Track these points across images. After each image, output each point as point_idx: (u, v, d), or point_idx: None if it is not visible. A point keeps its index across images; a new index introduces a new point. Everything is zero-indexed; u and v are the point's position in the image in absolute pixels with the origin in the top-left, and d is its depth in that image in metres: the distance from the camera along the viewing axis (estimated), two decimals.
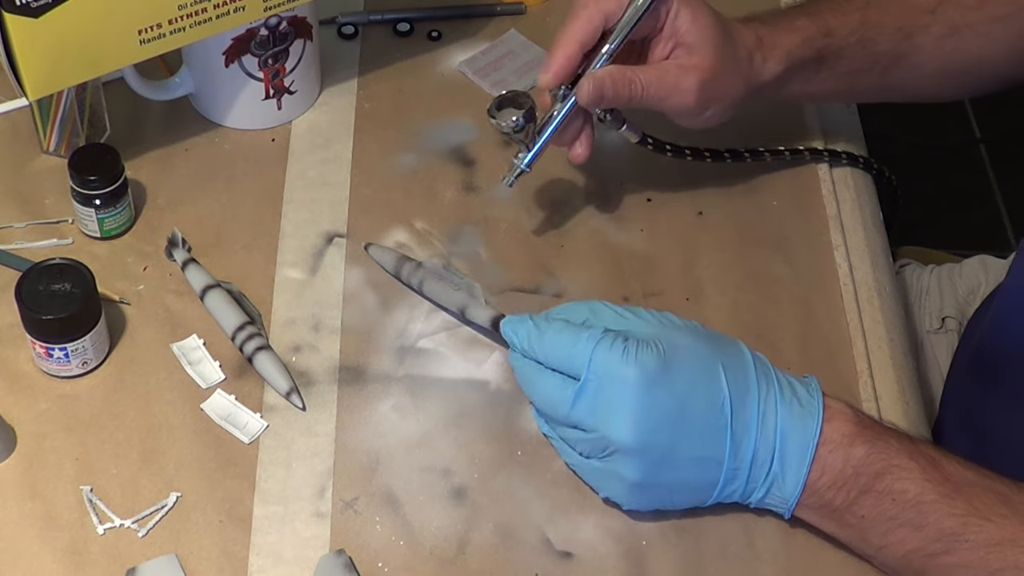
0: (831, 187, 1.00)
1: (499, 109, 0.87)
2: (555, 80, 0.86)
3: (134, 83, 0.96)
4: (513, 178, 0.89)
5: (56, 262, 0.83)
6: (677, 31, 0.88)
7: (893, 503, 0.74)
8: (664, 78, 0.87)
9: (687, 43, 0.87)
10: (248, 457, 0.82)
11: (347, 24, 1.08)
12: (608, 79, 0.86)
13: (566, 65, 0.86)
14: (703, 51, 0.87)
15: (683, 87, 0.87)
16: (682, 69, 0.87)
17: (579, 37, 0.86)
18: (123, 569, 0.77)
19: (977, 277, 1.17)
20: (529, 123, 0.86)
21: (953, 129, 2.21)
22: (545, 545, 0.80)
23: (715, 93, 0.89)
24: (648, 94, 0.87)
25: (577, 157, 0.91)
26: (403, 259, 0.91)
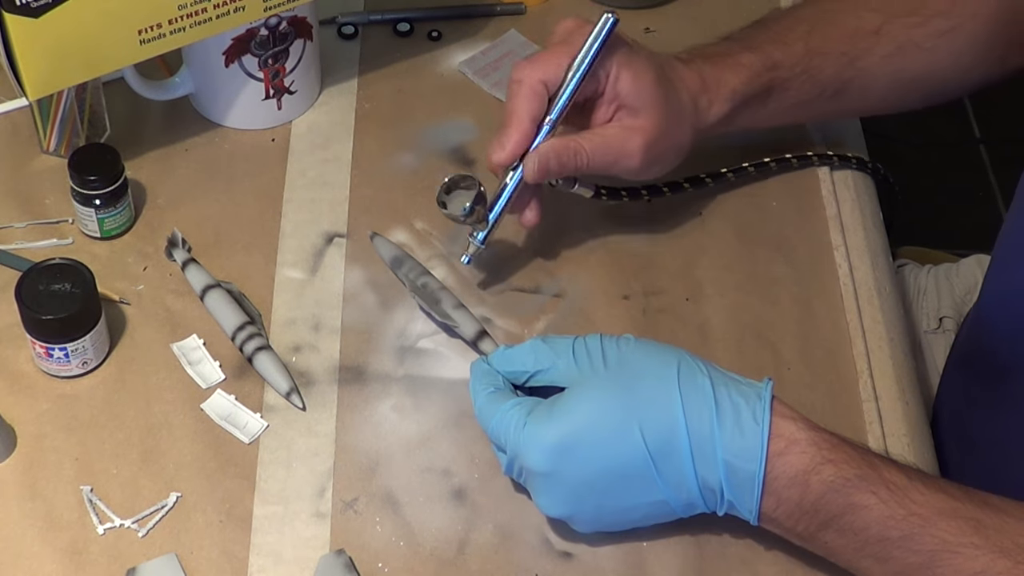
0: (831, 187, 1.00)
1: (447, 194, 0.87)
2: (510, 159, 0.86)
3: (134, 83, 0.96)
4: (470, 257, 0.89)
5: (56, 262, 0.83)
6: (619, 94, 0.87)
7: (856, 537, 0.72)
8: (609, 144, 0.87)
9: (630, 105, 0.87)
10: (248, 457, 0.82)
11: (347, 24, 1.08)
12: (552, 153, 0.85)
13: (521, 142, 0.86)
14: (646, 112, 0.86)
15: (628, 150, 0.87)
16: (626, 131, 0.87)
17: (530, 113, 0.85)
18: (123, 569, 0.77)
19: (974, 277, 1.17)
20: (479, 206, 0.86)
21: (953, 129, 2.21)
22: (545, 545, 0.80)
23: (661, 150, 0.88)
24: (594, 162, 0.86)
25: (527, 222, 0.90)
26: (404, 257, 0.91)
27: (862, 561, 0.73)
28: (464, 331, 0.88)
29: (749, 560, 0.80)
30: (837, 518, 0.72)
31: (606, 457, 0.73)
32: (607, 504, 0.75)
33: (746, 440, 0.72)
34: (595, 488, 0.74)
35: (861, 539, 0.72)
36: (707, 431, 0.73)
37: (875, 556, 0.72)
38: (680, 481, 0.73)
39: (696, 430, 0.73)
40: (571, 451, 0.73)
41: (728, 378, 0.75)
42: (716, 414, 0.73)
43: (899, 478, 0.72)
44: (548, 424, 0.74)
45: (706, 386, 0.74)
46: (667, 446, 0.73)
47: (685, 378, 0.74)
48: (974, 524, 0.71)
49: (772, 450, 0.72)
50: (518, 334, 0.89)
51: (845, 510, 0.72)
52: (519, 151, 0.86)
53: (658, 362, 0.75)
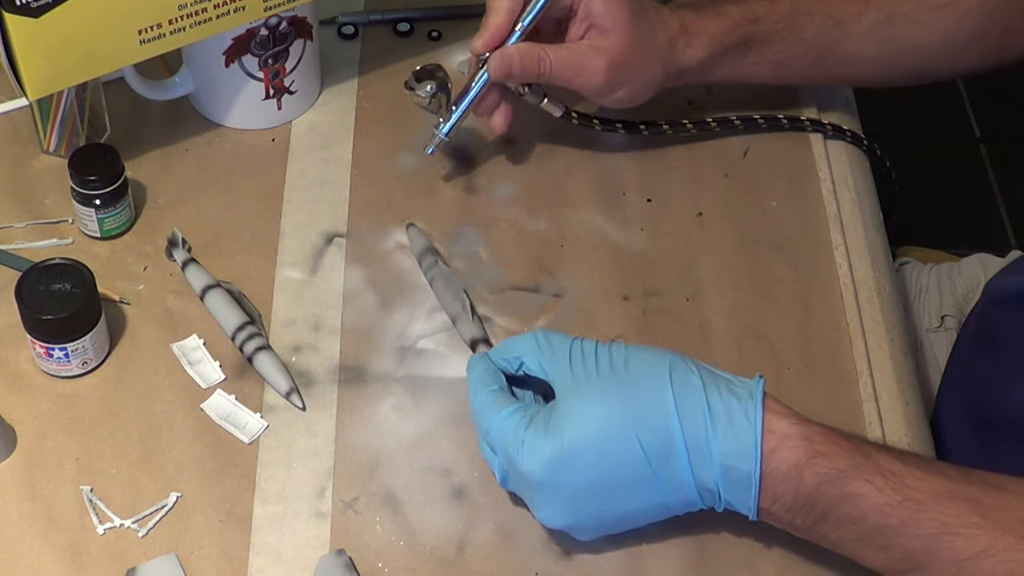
0: (831, 187, 1.00)
1: (417, 81, 0.91)
2: (484, 47, 0.90)
3: (134, 83, 0.96)
4: (433, 147, 0.93)
5: (56, 262, 0.83)
6: (591, 13, 0.90)
7: (854, 527, 0.72)
8: (573, 58, 0.90)
9: (600, 25, 0.90)
10: (248, 457, 0.82)
11: (347, 24, 1.08)
12: (516, 55, 0.89)
13: (496, 34, 0.90)
14: (615, 34, 0.90)
15: (591, 67, 0.90)
16: (592, 50, 0.90)
17: (508, 6, 0.89)
18: (123, 569, 0.77)
19: (976, 276, 1.17)
20: (442, 93, 0.91)
21: (953, 129, 2.21)
22: (545, 545, 0.80)
23: (625, 75, 0.91)
24: (556, 72, 0.90)
25: (496, 127, 0.94)
26: (429, 250, 0.92)
27: (863, 551, 0.73)
28: (463, 335, 0.88)
29: (749, 560, 0.80)
30: (833, 509, 0.72)
31: (605, 466, 0.73)
32: (607, 511, 0.75)
33: (740, 440, 0.72)
34: (595, 497, 0.74)
35: (859, 529, 0.72)
36: (702, 433, 0.72)
37: (876, 545, 0.72)
38: (678, 484, 0.73)
39: (691, 433, 0.73)
40: (569, 462, 0.73)
41: (719, 378, 0.75)
42: (709, 416, 0.73)
43: (894, 464, 0.72)
44: (545, 437, 0.73)
45: (698, 388, 0.74)
46: (664, 451, 0.73)
47: (678, 382, 0.74)
48: (972, 504, 0.70)
49: (765, 448, 0.72)
50: (518, 333, 0.89)
51: (840, 501, 0.71)
52: (495, 42, 0.90)
53: (650, 367, 0.75)
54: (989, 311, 1.01)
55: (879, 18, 0.95)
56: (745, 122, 1.01)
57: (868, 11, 0.95)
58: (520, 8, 0.90)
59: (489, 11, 0.90)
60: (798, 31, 0.94)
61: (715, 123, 1.00)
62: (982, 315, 1.03)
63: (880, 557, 0.72)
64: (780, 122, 1.01)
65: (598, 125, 0.97)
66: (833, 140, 1.03)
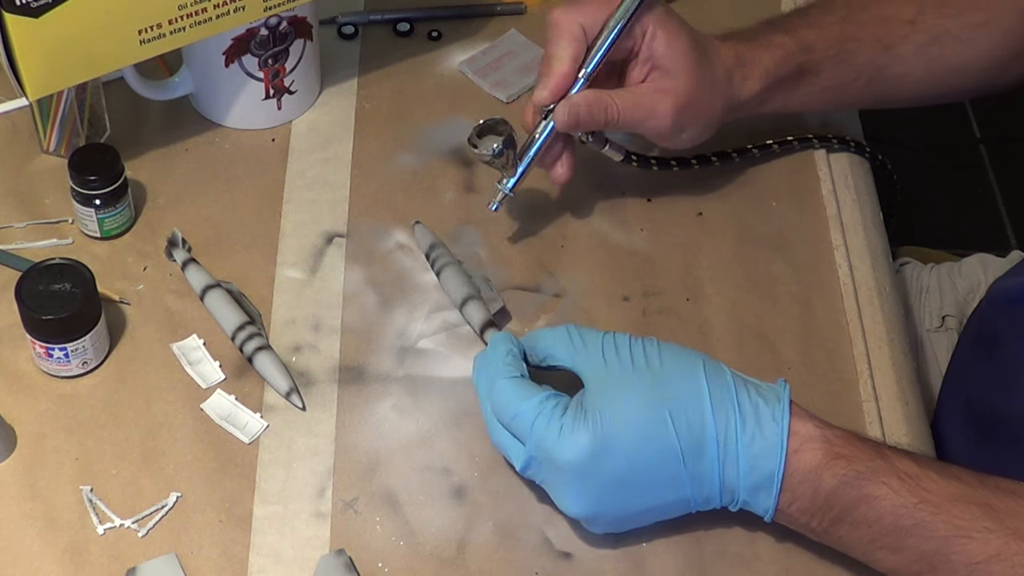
0: (831, 187, 1.00)
1: (480, 137, 0.88)
2: (552, 98, 0.87)
3: (134, 83, 0.96)
4: (497, 203, 0.90)
5: (56, 262, 0.83)
6: (653, 54, 0.88)
7: (869, 529, 0.72)
8: (640, 102, 0.88)
9: (663, 66, 0.88)
10: (248, 457, 0.82)
11: (347, 24, 1.08)
12: (584, 104, 0.86)
13: (563, 83, 0.87)
14: (679, 74, 0.88)
15: (659, 111, 0.88)
16: (658, 92, 0.88)
17: (571, 54, 0.86)
18: (123, 569, 0.77)
19: (977, 276, 1.17)
20: (508, 149, 0.87)
21: (953, 129, 2.21)
22: (545, 545, 0.80)
23: (692, 116, 0.89)
24: (624, 118, 0.87)
25: (558, 178, 0.91)
26: (437, 245, 0.92)
27: (876, 552, 0.73)
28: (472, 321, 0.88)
29: (749, 560, 0.80)
30: (850, 511, 0.72)
31: (640, 456, 0.73)
32: (633, 503, 0.75)
33: (766, 439, 0.73)
34: (624, 488, 0.74)
35: (875, 530, 0.72)
36: (732, 431, 0.73)
37: (889, 546, 0.72)
38: (704, 479, 0.74)
39: (722, 429, 0.73)
40: (608, 450, 0.73)
41: (747, 380, 0.76)
42: (739, 415, 0.73)
43: (911, 467, 0.73)
44: (585, 424, 0.73)
45: (730, 387, 0.74)
46: (697, 445, 0.73)
47: (712, 379, 0.74)
48: (986, 508, 0.71)
49: (789, 448, 0.73)
50: (518, 333, 0.89)
51: (858, 502, 0.72)
52: (561, 91, 0.87)
53: (685, 364, 0.75)
54: (991, 312, 1.01)
55: (925, 39, 0.94)
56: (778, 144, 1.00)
57: (915, 32, 0.94)
58: (583, 55, 0.87)
59: (551, 59, 0.87)
60: (848, 57, 0.93)
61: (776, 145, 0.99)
62: (984, 316, 1.03)
63: (893, 559, 0.73)
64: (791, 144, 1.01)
65: (655, 166, 0.95)
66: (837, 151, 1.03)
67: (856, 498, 0.72)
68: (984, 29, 0.95)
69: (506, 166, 0.88)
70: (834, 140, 1.02)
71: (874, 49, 0.94)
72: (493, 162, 0.88)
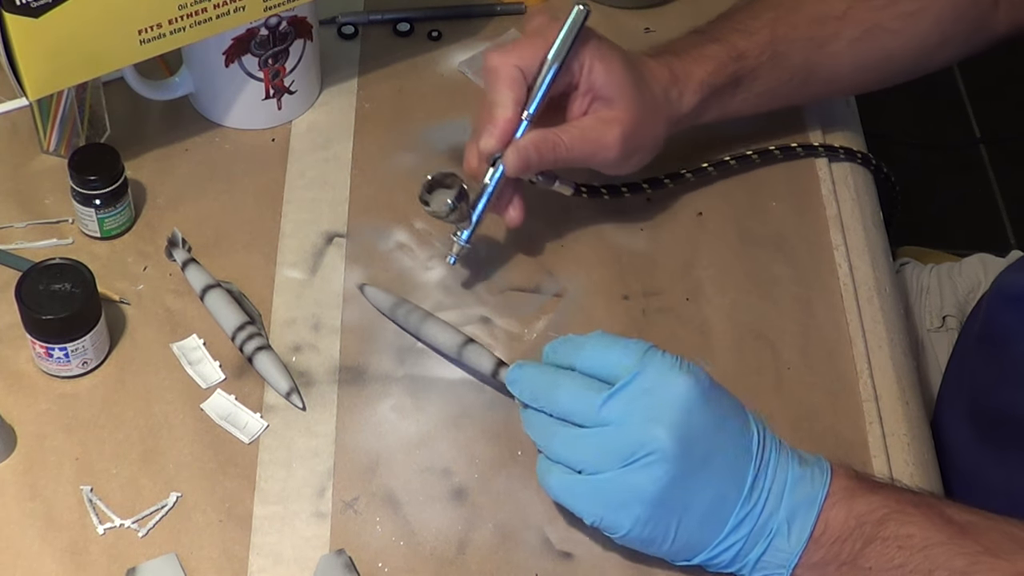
0: (831, 187, 1.00)
1: (429, 192, 0.87)
2: (499, 145, 0.86)
3: (134, 83, 0.96)
4: (455, 256, 0.89)
5: (56, 262, 0.83)
6: (593, 85, 0.87)
7: (900, 550, 0.72)
8: (586, 135, 0.87)
9: (604, 96, 0.87)
10: (248, 457, 0.82)
11: (347, 24, 1.08)
12: (532, 147, 0.85)
13: (508, 129, 0.86)
14: (621, 103, 0.87)
15: (606, 142, 0.87)
16: (603, 123, 0.87)
17: (513, 99, 0.85)
18: (123, 569, 0.77)
19: (977, 276, 1.17)
20: (461, 202, 0.86)
21: (953, 129, 2.21)
22: (545, 545, 0.80)
23: (638, 141, 0.89)
24: (573, 154, 0.87)
25: (511, 221, 0.90)
26: (400, 302, 0.89)
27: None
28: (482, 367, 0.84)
29: None
30: (882, 526, 0.72)
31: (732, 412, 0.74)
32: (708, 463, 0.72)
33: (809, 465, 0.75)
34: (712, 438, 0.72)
35: (906, 551, 0.72)
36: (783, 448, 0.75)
37: (920, 570, 0.71)
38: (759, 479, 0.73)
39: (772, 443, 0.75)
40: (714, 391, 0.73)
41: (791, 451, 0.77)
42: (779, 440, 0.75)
43: (932, 498, 0.75)
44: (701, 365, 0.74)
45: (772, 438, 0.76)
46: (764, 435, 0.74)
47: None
48: (1010, 535, 0.72)
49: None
50: (518, 334, 0.89)
51: (889, 517, 0.72)
52: (507, 137, 0.86)
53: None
54: (995, 309, 1.01)
55: (857, 33, 0.94)
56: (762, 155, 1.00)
57: (845, 28, 0.94)
58: (522, 96, 0.86)
59: (493, 106, 0.85)
60: (781, 60, 0.93)
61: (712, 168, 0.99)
62: (987, 313, 1.03)
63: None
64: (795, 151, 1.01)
65: (606, 195, 0.95)
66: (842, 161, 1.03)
67: (887, 514, 0.72)
68: (914, 18, 0.95)
69: (461, 219, 0.87)
70: (841, 151, 1.02)
71: (807, 49, 0.94)
72: (448, 218, 0.87)
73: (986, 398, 0.99)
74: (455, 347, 0.85)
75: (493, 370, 0.83)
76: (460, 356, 0.85)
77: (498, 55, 0.86)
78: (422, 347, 0.88)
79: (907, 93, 1.08)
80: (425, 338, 0.87)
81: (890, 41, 0.96)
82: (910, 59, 0.98)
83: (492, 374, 0.83)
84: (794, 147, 1.01)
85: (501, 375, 0.81)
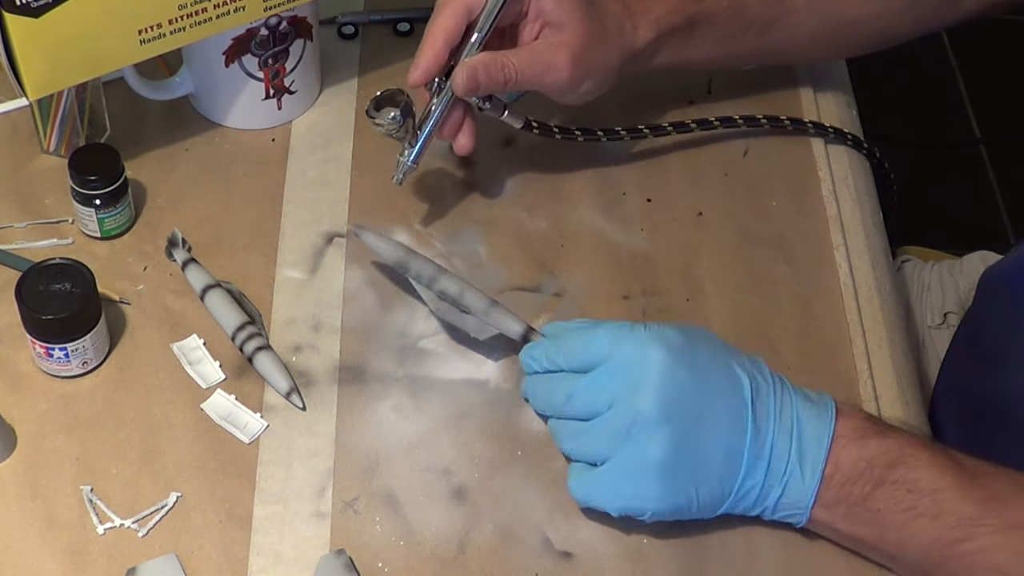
0: (831, 187, 1.00)
1: (377, 109, 0.87)
2: (423, 77, 0.87)
3: (134, 83, 0.96)
4: (401, 175, 0.90)
5: (56, 262, 0.83)
6: (543, 11, 0.88)
7: (908, 493, 0.73)
8: (536, 58, 0.88)
9: (553, 21, 0.88)
10: (248, 457, 0.82)
11: (347, 24, 1.08)
12: (480, 66, 0.86)
13: (433, 60, 0.87)
14: (570, 26, 0.88)
15: (556, 64, 0.88)
16: (552, 46, 0.88)
17: (444, 32, 0.87)
18: (123, 569, 0.77)
19: (978, 273, 1.17)
20: (407, 119, 0.87)
21: (953, 129, 2.21)
22: (545, 545, 0.80)
23: (589, 66, 0.89)
24: (522, 76, 0.88)
25: (461, 148, 0.91)
26: (411, 253, 0.89)
27: (913, 523, 0.73)
28: (510, 330, 0.85)
29: (748, 563, 0.80)
30: (891, 469, 0.74)
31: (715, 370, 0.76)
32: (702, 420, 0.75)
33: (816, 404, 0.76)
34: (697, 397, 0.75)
35: (914, 494, 0.73)
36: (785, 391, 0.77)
37: (928, 513, 0.73)
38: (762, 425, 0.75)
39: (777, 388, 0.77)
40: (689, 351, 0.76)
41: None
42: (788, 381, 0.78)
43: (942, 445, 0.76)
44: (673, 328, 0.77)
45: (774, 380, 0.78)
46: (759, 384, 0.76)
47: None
48: (1017, 483, 0.73)
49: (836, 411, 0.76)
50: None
51: (899, 460, 0.74)
52: (431, 69, 0.87)
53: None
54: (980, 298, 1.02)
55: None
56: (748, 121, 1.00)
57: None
58: (454, 32, 0.87)
59: (425, 39, 0.87)
60: (742, 9, 0.94)
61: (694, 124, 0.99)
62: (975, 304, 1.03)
63: (930, 528, 0.73)
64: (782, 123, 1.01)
65: (557, 134, 0.95)
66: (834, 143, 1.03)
67: (897, 457, 0.74)
68: None
69: (406, 137, 0.88)
70: (831, 130, 1.02)
71: (767, 2, 0.94)
72: (393, 133, 0.88)
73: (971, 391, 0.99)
74: (483, 307, 0.85)
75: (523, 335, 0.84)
76: (487, 317, 0.85)
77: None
78: (422, 347, 0.88)
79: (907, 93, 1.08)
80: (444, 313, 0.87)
81: (854, 4, 0.96)
82: (876, 27, 0.98)
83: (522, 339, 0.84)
84: (783, 120, 1.01)
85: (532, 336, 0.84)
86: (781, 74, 1.07)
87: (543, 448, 0.83)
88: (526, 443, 0.84)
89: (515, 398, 0.86)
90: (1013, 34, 2.28)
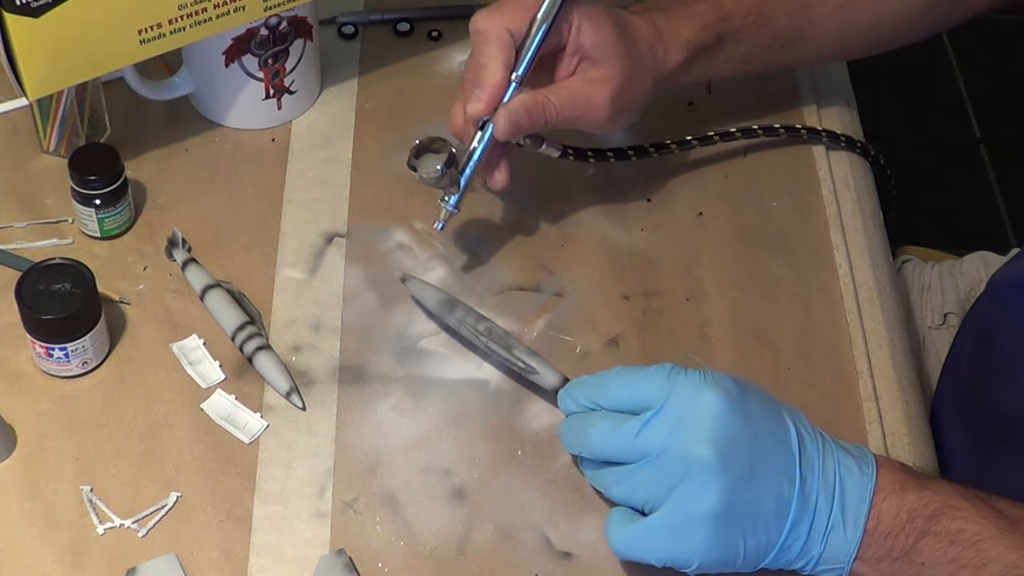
0: (831, 187, 1.00)
1: (417, 158, 0.85)
2: (487, 110, 0.85)
3: (134, 83, 0.96)
4: (443, 222, 0.88)
5: (56, 262, 0.83)
6: (581, 46, 0.87)
7: (952, 544, 0.71)
8: (576, 97, 0.86)
9: (592, 56, 0.87)
10: (248, 457, 0.82)
11: (347, 24, 1.08)
12: (522, 109, 0.85)
13: (496, 93, 0.85)
14: (609, 62, 0.87)
15: (596, 103, 0.87)
16: (591, 84, 0.87)
17: (502, 62, 0.85)
18: (123, 569, 0.77)
19: (978, 273, 1.17)
20: (450, 167, 0.85)
21: (953, 129, 2.21)
22: (545, 545, 0.80)
23: (627, 101, 0.88)
24: (563, 116, 0.86)
25: (496, 184, 0.89)
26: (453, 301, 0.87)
27: (959, 573, 0.72)
28: (545, 381, 0.83)
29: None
30: (934, 520, 0.72)
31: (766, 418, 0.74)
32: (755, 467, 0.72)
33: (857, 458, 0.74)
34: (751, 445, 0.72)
35: (958, 546, 0.71)
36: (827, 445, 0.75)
37: (973, 563, 0.71)
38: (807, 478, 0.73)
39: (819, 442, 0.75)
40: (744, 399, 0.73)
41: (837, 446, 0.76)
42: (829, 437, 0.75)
43: (980, 492, 0.74)
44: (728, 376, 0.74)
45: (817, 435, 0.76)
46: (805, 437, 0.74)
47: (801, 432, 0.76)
48: None
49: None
50: (518, 333, 0.89)
51: (941, 511, 0.72)
52: (495, 102, 0.85)
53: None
54: (990, 305, 1.01)
55: (840, 0, 0.95)
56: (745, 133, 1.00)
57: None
58: (510, 59, 0.85)
59: (482, 69, 0.85)
60: (766, 23, 0.93)
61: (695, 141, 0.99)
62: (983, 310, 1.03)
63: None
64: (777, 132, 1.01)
65: (592, 158, 0.95)
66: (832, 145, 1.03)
67: (939, 509, 0.72)
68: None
69: (450, 184, 0.86)
70: (824, 134, 1.02)
71: (792, 12, 0.94)
72: (437, 184, 0.86)
73: (978, 396, 0.99)
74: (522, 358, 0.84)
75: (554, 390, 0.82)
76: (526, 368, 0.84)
77: (486, 17, 0.86)
78: (422, 347, 0.88)
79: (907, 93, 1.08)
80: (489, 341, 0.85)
81: (874, 9, 0.96)
82: (893, 29, 0.98)
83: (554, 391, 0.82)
84: (776, 128, 1.01)
85: None
86: (781, 73, 1.07)
87: (543, 448, 0.84)
88: (526, 443, 0.84)
89: (515, 398, 0.86)
90: (1013, 34, 2.28)
